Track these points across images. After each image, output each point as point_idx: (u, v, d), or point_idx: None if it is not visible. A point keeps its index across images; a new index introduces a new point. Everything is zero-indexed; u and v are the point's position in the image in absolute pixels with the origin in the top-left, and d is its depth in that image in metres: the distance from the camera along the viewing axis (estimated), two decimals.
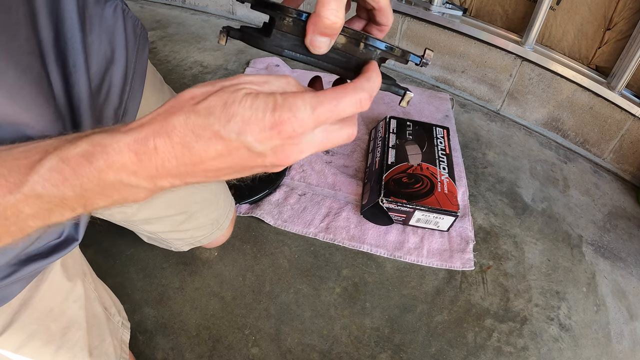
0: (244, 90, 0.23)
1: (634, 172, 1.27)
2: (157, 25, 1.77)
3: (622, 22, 1.14)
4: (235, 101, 0.23)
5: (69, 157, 0.22)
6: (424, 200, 0.99)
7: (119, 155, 0.22)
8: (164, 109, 0.24)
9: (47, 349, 0.49)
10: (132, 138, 0.23)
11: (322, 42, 0.28)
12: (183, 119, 0.23)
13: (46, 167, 0.22)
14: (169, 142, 0.23)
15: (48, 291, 0.46)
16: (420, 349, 0.87)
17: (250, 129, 0.23)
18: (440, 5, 1.37)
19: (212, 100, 0.23)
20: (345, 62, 0.31)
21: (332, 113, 0.24)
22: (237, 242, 1.02)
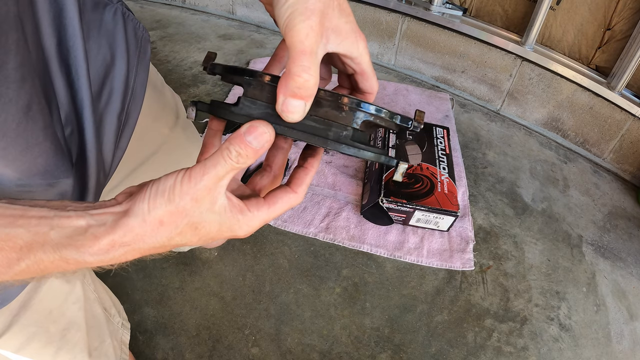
0: (212, 212, 0.27)
1: (634, 172, 1.27)
2: (157, 25, 1.77)
3: (622, 22, 1.14)
4: (208, 224, 0.27)
5: (43, 263, 0.26)
6: (424, 200, 0.99)
7: (89, 265, 0.26)
8: (135, 232, 0.26)
9: (46, 350, 0.49)
10: (101, 260, 0.26)
11: (295, 107, 0.25)
12: (155, 242, 0.26)
13: (22, 267, 0.25)
14: (140, 255, 0.27)
15: (47, 293, 0.46)
16: (420, 349, 0.87)
17: (215, 239, 0.28)
18: (440, 5, 1.37)
19: (182, 225, 0.26)
20: (324, 131, 0.27)
21: (267, 222, 0.29)
22: (237, 242, 1.02)
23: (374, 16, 1.52)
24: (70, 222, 0.26)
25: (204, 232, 0.27)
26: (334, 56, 0.31)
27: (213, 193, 0.26)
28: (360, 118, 0.28)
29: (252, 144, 0.26)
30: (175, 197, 0.25)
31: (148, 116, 0.52)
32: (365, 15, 1.53)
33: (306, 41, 0.25)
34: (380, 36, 1.56)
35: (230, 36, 1.74)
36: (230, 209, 0.27)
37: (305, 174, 0.31)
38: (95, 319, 0.57)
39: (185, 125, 0.63)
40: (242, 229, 0.28)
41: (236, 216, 0.27)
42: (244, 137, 0.26)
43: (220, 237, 0.28)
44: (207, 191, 0.26)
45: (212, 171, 0.25)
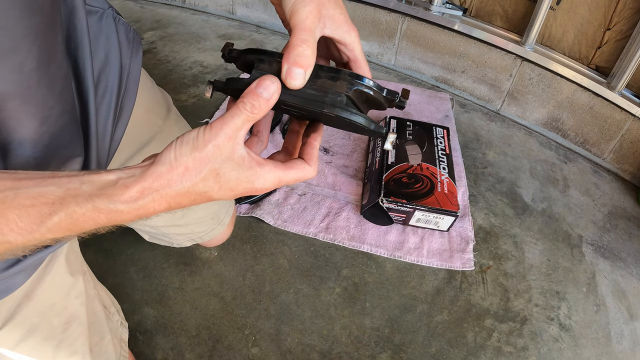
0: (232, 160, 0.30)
1: (634, 172, 1.27)
2: (157, 25, 1.77)
3: (622, 22, 1.14)
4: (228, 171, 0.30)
5: (76, 216, 0.27)
6: (424, 200, 0.99)
7: (120, 217, 0.28)
8: (165, 178, 0.28)
9: (48, 343, 0.50)
10: (133, 208, 0.28)
11: (296, 74, 0.30)
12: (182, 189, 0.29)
13: (54, 221, 0.27)
14: (167, 207, 0.29)
15: (51, 284, 0.47)
16: (420, 349, 0.87)
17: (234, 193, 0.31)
18: (440, 5, 1.37)
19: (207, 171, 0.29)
20: (321, 97, 0.31)
21: (280, 184, 0.33)
22: (237, 242, 1.02)
23: (374, 16, 1.52)
24: (101, 177, 0.28)
25: (224, 179, 0.30)
26: (330, 45, 0.37)
27: (233, 142, 0.29)
28: (352, 86, 0.32)
29: (262, 94, 0.29)
30: (199, 145, 0.28)
31: (142, 107, 0.57)
32: (365, 15, 1.53)
33: (306, 20, 0.31)
34: (380, 36, 1.56)
35: (230, 36, 1.74)
36: (249, 160, 0.30)
37: (312, 148, 0.35)
38: (96, 316, 0.57)
39: (177, 119, 0.66)
40: (258, 181, 0.31)
41: (254, 167, 0.30)
42: (255, 90, 0.29)
43: (239, 187, 0.31)
44: (228, 139, 0.29)
45: (231, 122, 0.29)
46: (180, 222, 0.72)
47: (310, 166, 0.34)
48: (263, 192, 0.33)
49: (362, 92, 0.33)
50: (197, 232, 0.76)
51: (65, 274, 0.49)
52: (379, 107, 0.36)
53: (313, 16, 0.31)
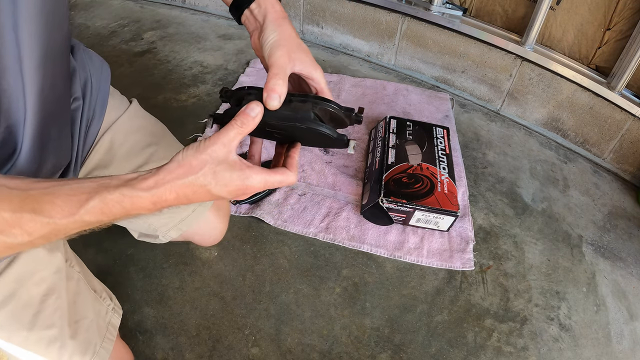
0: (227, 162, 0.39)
1: (634, 172, 1.27)
2: (157, 25, 1.77)
3: (622, 22, 1.14)
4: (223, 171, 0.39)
5: (107, 201, 0.36)
6: (424, 200, 0.99)
7: (140, 203, 0.37)
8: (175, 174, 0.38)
9: (26, 311, 0.54)
10: (151, 195, 0.37)
11: (273, 98, 0.41)
12: (189, 182, 0.38)
13: (91, 205, 0.35)
14: (176, 197, 0.38)
15: (30, 256, 0.54)
16: (420, 349, 0.87)
17: (228, 190, 0.40)
18: (440, 5, 1.37)
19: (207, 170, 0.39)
20: (294, 116, 0.42)
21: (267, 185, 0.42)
22: (237, 242, 1.02)
23: (374, 16, 1.52)
24: (125, 175, 0.37)
25: (220, 176, 0.39)
26: (301, 81, 0.48)
27: (227, 148, 0.39)
28: (317, 105, 0.42)
29: (250, 114, 0.40)
30: (200, 149, 0.38)
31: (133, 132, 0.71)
32: (365, 15, 1.53)
33: (279, 60, 0.43)
34: (380, 36, 1.56)
35: (230, 36, 1.74)
36: (240, 164, 0.40)
37: (292, 159, 0.46)
38: (80, 295, 0.61)
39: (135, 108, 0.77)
40: (248, 180, 0.40)
41: (244, 169, 0.40)
42: (244, 110, 0.40)
43: (232, 184, 0.40)
44: (223, 146, 0.39)
45: (226, 134, 0.39)
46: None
47: (291, 172, 0.44)
48: (252, 191, 0.41)
49: (325, 110, 0.43)
50: (180, 216, 0.75)
51: (42, 249, 0.56)
52: (342, 124, 0.46)
53: (284, 57, 0.43)
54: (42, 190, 0.34)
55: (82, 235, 0.38)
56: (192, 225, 0.77)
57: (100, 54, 0.68)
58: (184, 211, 0.75)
